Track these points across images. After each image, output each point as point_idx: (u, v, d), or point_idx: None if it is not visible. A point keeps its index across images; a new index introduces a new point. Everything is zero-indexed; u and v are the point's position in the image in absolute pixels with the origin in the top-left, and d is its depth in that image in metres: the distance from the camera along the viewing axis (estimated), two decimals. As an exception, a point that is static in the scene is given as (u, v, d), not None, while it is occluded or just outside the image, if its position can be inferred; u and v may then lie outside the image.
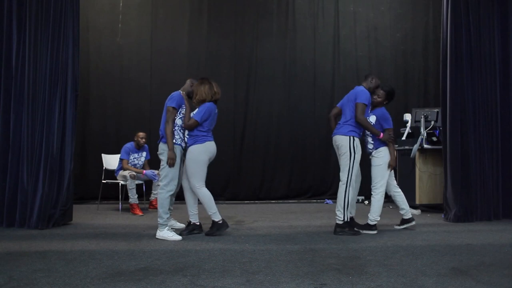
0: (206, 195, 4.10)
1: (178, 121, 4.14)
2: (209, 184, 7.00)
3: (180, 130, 4.16)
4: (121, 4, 7.06)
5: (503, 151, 5.27)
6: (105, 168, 6.10)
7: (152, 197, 6.01)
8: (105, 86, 6.94)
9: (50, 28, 4.63)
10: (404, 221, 4.54)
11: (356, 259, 3.21)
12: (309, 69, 7.41)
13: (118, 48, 7.04)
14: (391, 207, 6.49)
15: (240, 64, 7.28)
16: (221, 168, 7.11)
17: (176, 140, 4.11)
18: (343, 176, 4.18)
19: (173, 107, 4.06)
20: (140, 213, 5.49)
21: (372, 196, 4.32)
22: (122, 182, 5.76)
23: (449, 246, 3.68)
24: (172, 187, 4.04)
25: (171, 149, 3.99)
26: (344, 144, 4.16)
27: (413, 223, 4.52)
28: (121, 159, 5.82)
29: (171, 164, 3.98)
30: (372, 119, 4.35)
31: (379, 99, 4.38)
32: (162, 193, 4.00)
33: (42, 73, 4.60)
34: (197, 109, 4.16)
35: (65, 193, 4.60)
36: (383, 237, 4.07)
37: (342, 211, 4.16)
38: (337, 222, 4.21)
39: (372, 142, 4.36)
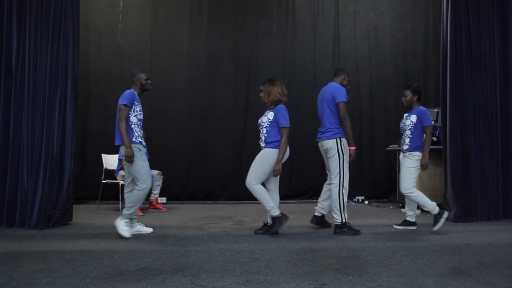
0: (262, 190, 4.10)
1: (133, 119, 4.08)
2: (209, 184, 7.10)
3: (137, 127, 4.11)
4: (121, 4, 7.06)
5: (503, 151, 5.27)
6: (105, 168, 6.10)
7: (152, 197, 6.02)
8: (105, 86, 6.94)
9: (50, 28, 4.63)
10: (408, 223, 4.56)
11: (356, 259, 3.21)
12: (309, 69, 7.41)
13: (118, 48, 7.05)
14: (391, 207, 6.49)
15: (240, 64, 7.28)
16: (221, 168, 7.11)
17: (135, 138, 4.05)
18: (334, 178, 4.24)
19: (125, 104, 4.01)
20: (140, 213, 5.49)
21: (407, 197, 4.37)
22: (122, 182, 5.75)
23: (449, 246, 3.68)
24: (149, 183, 4.04)
25: (128, 146, 3.96)
26: (332, 147, 4.23)
27: (415, 227, 4.56)
28: (120, 159, 5.81)
29: (129, 161, 3.96)
30: (413, 118, 4.38)
31: (407, 98, 4.46)
32: (141, 190, 3.99)
33: (42, 73, 4.60)
34: (278, 115, 4.09)
35: (65, 193, 4.61)
36: (383, 237, 4.07)
37: (339, 213, 4.20)
38: (336, 223, 4.23)
39: (409, 143, 4.38)
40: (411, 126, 4.41)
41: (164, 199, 6.51)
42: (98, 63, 6.96)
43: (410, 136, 4.40)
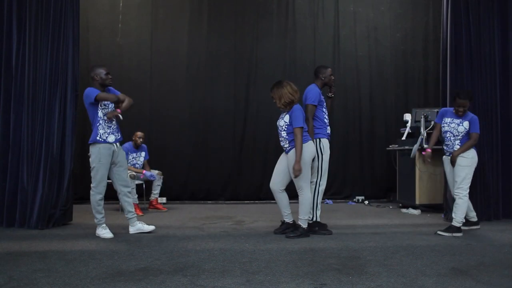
0: (309, 199, 4.05)
1: (101, 114, 4.01)
2: (209, 184, 7.10)
3: (105, 124, 4.02)
4: (121, 4, 7.06)
5: (503, 151, 5.27)
6: (105, 168, 6.09)
7: (152, 197, 6.02)
8: (105, 86, 6.94)
9: (50, 28, 4.63)
10: (472, 223, 4.52)
11: (356, 259, 3.21)
12: (309, 69, 7.38)
13: (118, 48, 7.05)
14: (391, 207, 6.49)
15: (240, 64, 7.28)
16: (221, 168, 7.11)
17: (101, 136, 3.98)
18: (312, 177, 4.22)
19: (93, 100, 3.97)
20: (140, 213, 5.49)
21: (458, 197, 4.20)
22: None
23: (449, 246, 3.68)
24: (101, 189, 4.05)
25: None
26: None
27: (478, 226, 4.54)
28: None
29: None
30: (466, 125, 4.26)
31: (460, 109, 4.24)
32: (92, 195, 4.05)
33: (42, 73, 4.60)
34: (291, 116, 3.98)
35: (65, 193, 4.61)
36: (383, 237, 4.07)
37: (312, 210, 4.20)
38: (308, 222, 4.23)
39: (460, 144, 4.27)
40: (465, 132, 4.28)
41: (164, 199, 6.51)
42: (98, 63, 6.94)
43: (461, 138, 4.28)
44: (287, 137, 4.03)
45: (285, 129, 4.03)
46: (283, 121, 4.06)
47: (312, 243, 3.80)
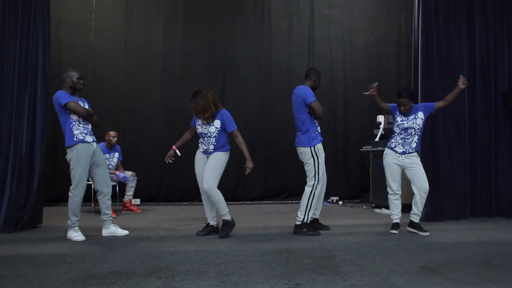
0: (220, 194, 4.08)
1: (74, 116, 3.95)
2: (184, 185, 7.03)
3: (78, 124, 3.97)
4: (94, 2, 6.92)
5: (470, 153, 5.44)
6: (76, 169, 5.95)
7: (126, 198, 5.92)
8: (77, 85, 6.77)
9: (18, 25, 4.51)
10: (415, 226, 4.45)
11: (330, 259, 3.25)
12: (284, 70, 7.46)
13: (91, 47, 6.91)
14: (364, 207, 6.60)
15: (215, 65, 7.25)
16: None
17: (77, 136, 3.93)
18: (310, 180, 4.28)
19: (66, 103, 3.87)
20: (113, 215, 5.38)
21: (422, 198, 4.32)
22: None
23: (420, 245, 3.77)
24: (80, 191, 3.97)
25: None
26: (306, 153, 4.27)
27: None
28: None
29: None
30: (421, 115, 4.31)
31: (401, 108, 4.33)
32: (70, 197, 3.96)
33: (9, 70, 4.47)
34: (222, 121, 4.08)
35: (34, 194, 4.48)
36: (357, 237, 4.14)
37: (304, 212, 4.24)
38: (296, 223, 4.28)
39: (417, 141, 4.33)
40: (422, 124, 4.33)
41: (138, 201, 6.41)
42: (70, 62, 6.78)
43: (419, 134, 4.35)
44: (215, 143, 4.12)
45: (216, 135, 4.10)
46: (214, 127, 4.09)
47: (287, 243, 3.82)
